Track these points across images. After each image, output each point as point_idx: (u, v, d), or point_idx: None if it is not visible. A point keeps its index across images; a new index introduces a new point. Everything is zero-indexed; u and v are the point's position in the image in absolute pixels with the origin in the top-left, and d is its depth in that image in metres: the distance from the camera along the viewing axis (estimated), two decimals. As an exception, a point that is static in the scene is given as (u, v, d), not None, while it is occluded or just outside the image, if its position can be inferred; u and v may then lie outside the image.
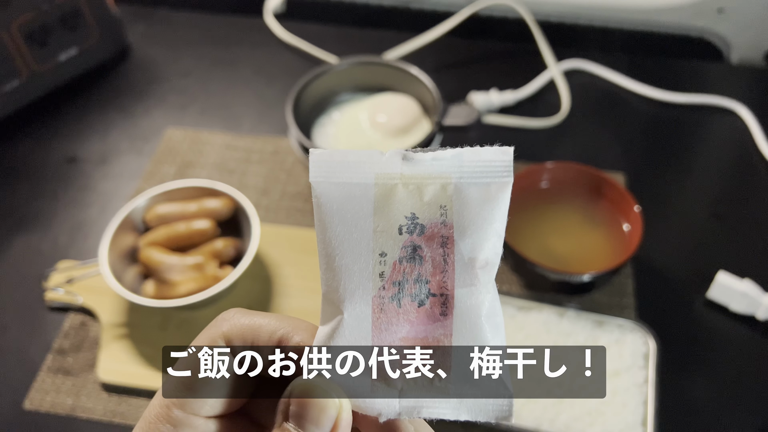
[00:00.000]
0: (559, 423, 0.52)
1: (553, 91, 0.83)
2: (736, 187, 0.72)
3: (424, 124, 0.68)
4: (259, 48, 0.89)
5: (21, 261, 0.66)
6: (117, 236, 0.60)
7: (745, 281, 0.60)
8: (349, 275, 0.28)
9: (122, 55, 0.88)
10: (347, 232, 0.28)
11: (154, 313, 0.60)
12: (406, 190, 0.28)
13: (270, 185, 0.72)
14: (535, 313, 0.58)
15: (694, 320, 0.61)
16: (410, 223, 0.28)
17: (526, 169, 0.65)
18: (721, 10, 0.86)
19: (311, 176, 0.29)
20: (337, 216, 0.28)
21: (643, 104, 0.81)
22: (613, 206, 0.64)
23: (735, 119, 0.79)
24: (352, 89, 0.72)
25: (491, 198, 0.28)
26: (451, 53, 0.88)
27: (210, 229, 0.61)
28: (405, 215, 0.28)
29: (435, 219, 0.28)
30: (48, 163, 0.75)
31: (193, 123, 0.80)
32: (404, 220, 0.28)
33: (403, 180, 0.28)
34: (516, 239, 0.60)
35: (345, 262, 0.28)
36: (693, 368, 0.58)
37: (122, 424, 0.55)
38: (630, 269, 0.64)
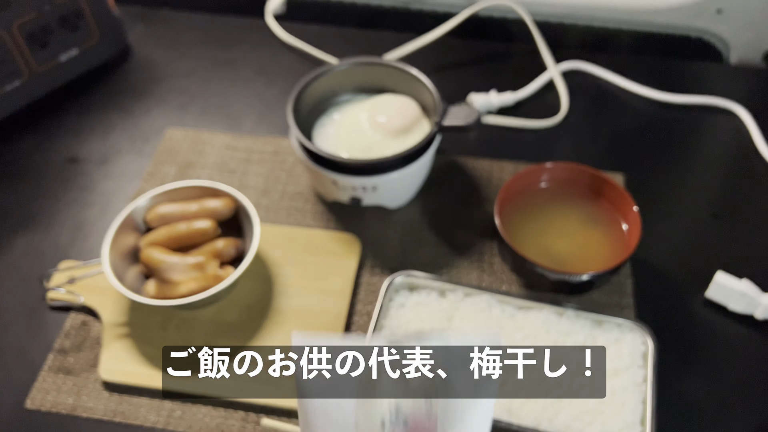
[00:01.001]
0: (558, 422, 0.52)
1: (552, 91, 0.83)
2: (734, 187, 0.73)
3: (423, 125, 0.68)
4: (259, 49, 0.90)
5: (22, 261, 0.66)
6: (118, 236, 0.60)
7: (743, 281, 0.61)
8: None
9: (123, 55, 0.88)
10: (328, 423, 0.27)
11: (156, 313, 0.61)
12: (390, 380, 0.27)
13: (270, 185, 0.73)
14: (534, 312, 0.58)
15: (693, 319, 0.61)
16: (393, 416, 0.27)
17: (525, 169, 0.65)
18: (720, 11, 0.86)
19: (296, 359, 0.28)
20: (320, 410, 0.27)
21: (642, 104, 0.82)
22: (612, 206, 0.64)
23: (734, 120, 0.79)
24: (352, 90, 0.73)
25: (478, 390, 0.27)
26: (450, 54, 0.88)
27: (211, 229, 0.61)
28: (389, 408, 0.27)
29: (419, 412, 0.27)
30: (49, 163, 0.76)
31: (193, 123, 0.80)
32: (387, 414, 0.27)
33: (388, 370, 0.27)
34: (515, 239, 0.60)
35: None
36: (691, 367, 0.58)
37: (123, 423, 0.55)
38: (629, 269, 0.64)
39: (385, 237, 0.68)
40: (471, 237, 0.68)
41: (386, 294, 0.59)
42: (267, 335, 0.59)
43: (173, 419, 0.55)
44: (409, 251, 0.66)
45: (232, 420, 0.55)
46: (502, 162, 0.75)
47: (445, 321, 0.58)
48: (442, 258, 0.66)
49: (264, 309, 0.61)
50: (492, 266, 0.65)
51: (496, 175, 0.73)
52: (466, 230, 0.68)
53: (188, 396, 0.56)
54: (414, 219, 0.69)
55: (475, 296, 0.59)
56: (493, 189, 0.72)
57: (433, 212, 0.70)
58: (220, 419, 0.55)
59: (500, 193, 0.63)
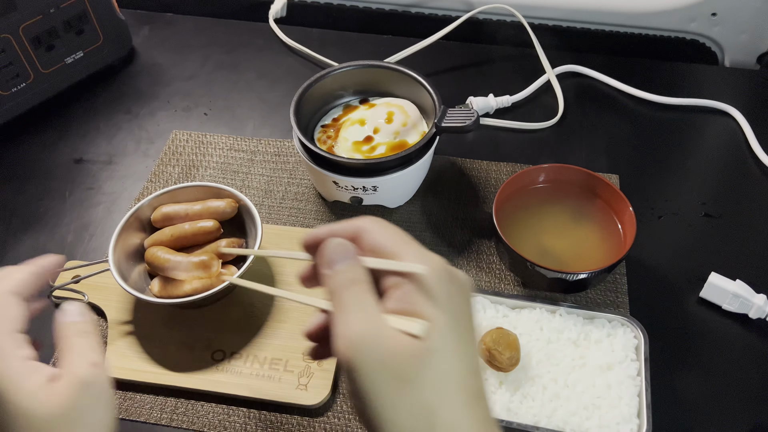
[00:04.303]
0: (556, 419, 0.53)
1: (549, 93, 0.84)
2: (728, 188, 0.73)
3: (423, 127, 0.69)
4: (262, 52, 0.91)
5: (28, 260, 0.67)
6: (123, 235, 0.61)
7: (737, 282, 0.61)
8: None
9: (128, 58, 0.89)
10: None
11: (160, 311, 0.62)
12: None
13: (273, 186, 0.74)
14: (527, 311, 0.59)
15: (687, 319, 0.62)
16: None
17: (522, 170, 0.66)
18: (715, 14, 0.87)
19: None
20: None
21: (637, 107, 0.82)
22: (607, 206, 0.65)
23: (728, 121, 0.80)
24: (353, 92, 0.74)
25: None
26: (449, 57, 0.89)
27: (214, 229, 0.62)
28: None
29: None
30: (55, 164, 0.77)
31: (197, 125, 0.81)
32: None
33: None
34: (512, 239, 0.61)
35: None
36: (686, 365, 0.59)
37: (128, 420, 0.56)
38: (624, 269, 0.65)
39: (385, 237, 0.68)
40: (469, 236, 0.69)
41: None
42: (270, 333, 0.60)
43: (177, 416, 0.56)
44: (408, 251, 0.67)
45: (235, 417, 0.56)
46: (500, 163, 0.76)
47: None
48: (441, 257, 0.66)
49: (266, 307, 0.62)
50: (490, 265, 0.66)
51: (494, 175, 0.74)
52: (464, 230, 0.69)
53: (192, 393, 0.57)
54: (413, 218, 0.70)
55: (470, 298, 0.60)
56: (490, 189, 0.73)
57: (432, 212, 0.71)
58: (223, 416, 0.56)
59: (498, 194, 0.63)
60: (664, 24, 0.90)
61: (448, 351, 0.34)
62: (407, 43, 0.87)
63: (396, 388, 0.33)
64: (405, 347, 0.33)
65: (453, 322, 0.35)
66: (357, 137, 0.67)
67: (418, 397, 0.33)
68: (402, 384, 0.33)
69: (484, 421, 0.34)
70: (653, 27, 0.90)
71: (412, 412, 0.33)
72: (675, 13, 0.88)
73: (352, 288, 0.36)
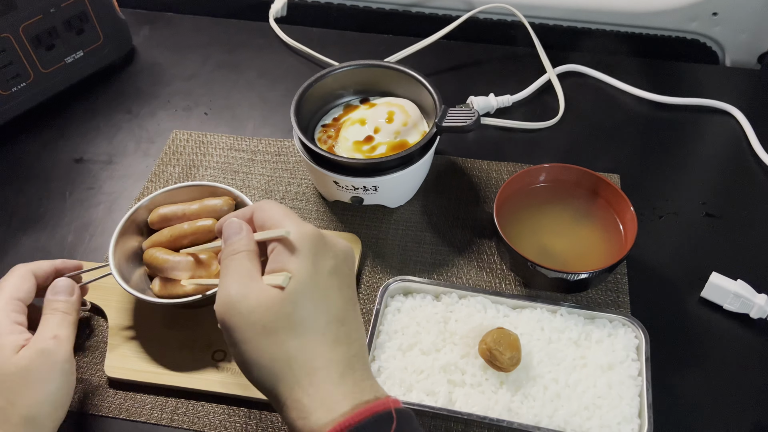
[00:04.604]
0: (557, 419, 0.53)
1: (549, 93, 0.84)
2: (729, 188, 0.73)
3: (423, 126, 0.69)
4: (262, 52, 0.91)
5: (28, 260, 0.67)
6: (124, 236, 0.61)
7: (738, 282, 0.61)
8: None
9: (128, 57, 0.89)
10: None
11: (160, 311, 0.62)
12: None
13: (273, 186, 0.74)
14: (528, 311, 0.59)
15: (688, 319, 0.62)
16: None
17: (523, 169, 0.66)
18: (716, 14, 0.87)
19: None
20: None
21: (638, 106, 0.82)
22: (608, 206, 0.65)
23: (729, 121, 0.80)
24: (353, 92, 0.74)
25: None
26: (450, 56, 0.89)
27: (214, 226, 0.61)
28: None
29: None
30: (55, 164, 0.77)
31: (198, 125, 0.81)
32: None
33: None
34: (513, 238, 0.61)
35: None
36: (687, 365, 0.59)
37: (129, 420, 0.56)
38: (625, 269, 0.65)
39: (385, 236, 0.69)
40: (470, 236, 0.69)
41: (382, 299, 0.60)
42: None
43: (177, 416, 0.56)
44: (409, 250, 0.67)
45: (235, 417, 0.56)
46: (501, 162, 0.76)
47: (441, 323, 0.59)
48: (442, 257, 0.67)
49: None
50: (490, 265, 0.66)
51: (495, 175, 0.74)
52: (465, 229, 0.69)
53: (192, 393, 0.57)
54: (414, 218, 0.70)
55: (470, 298, 0.60)
56: (491, 189, 0.73)
57: (433, 212, 0.71)
58: (223, 416, 0.56)
59: (499, 193, 0.63)
60: (665, 23, 0.90)
61: (307, 298, 0.40)
62: (408, 43, 0.87)
63: (259, 335, 0.39)
64: (269, 298, 0.39)
65: (313, 273, 0.40)
66: (357, 137, 0.67)
67: (277, 341, 0.39)
68: (264, 331, 0.39)
69: (342, 363, 0.39)
70: (654, 26, 0.90)
71: (274, 355, 0.39)
72: (676, 13, 0.88)
73: (232, 257, 0.42)
